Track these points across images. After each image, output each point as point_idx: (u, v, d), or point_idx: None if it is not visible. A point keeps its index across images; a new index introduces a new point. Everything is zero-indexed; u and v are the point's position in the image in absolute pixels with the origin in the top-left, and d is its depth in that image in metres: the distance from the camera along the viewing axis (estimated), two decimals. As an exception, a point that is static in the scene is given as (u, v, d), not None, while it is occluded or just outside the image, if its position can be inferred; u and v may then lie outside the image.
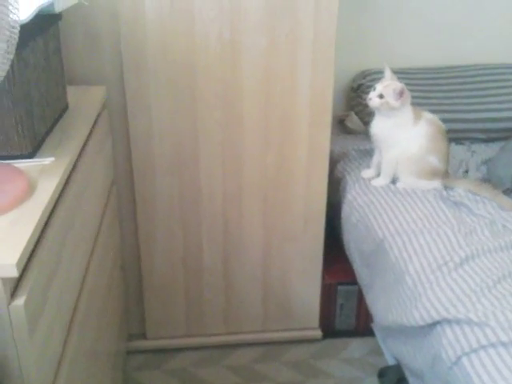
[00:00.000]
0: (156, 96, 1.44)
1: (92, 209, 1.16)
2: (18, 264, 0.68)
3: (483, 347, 0.99)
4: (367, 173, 1.62)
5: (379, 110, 1.51)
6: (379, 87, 1.49)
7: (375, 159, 1.61)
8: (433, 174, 1.51)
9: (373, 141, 1.59)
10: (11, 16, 0.75)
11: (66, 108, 1.21)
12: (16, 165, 0.93)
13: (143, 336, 1.74)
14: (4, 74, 0.77)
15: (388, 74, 1.53)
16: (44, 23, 1.05)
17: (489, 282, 1.12)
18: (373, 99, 1.50)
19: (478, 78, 1.92)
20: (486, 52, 2.05)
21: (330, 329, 1.81)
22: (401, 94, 1.46)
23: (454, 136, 1.81)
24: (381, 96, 1.48)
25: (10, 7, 0.75)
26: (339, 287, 1.76)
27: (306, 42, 1.42)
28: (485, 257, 1.21)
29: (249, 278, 1.69)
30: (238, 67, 1.43)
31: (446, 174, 1.53)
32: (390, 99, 1.47)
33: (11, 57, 0.77)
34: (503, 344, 0.98)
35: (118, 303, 1.46)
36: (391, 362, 1.56)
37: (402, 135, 1.51)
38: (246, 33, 1.40)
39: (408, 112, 1.50)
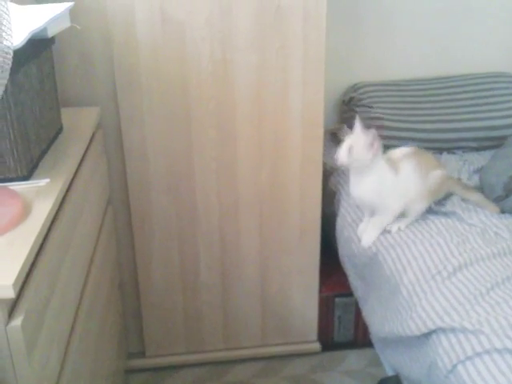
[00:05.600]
0: (150, 115, 1.46)
1: (88, 228, 1.17)
2: (14, 285, 0.69)
3: (478, 354, 0.99)
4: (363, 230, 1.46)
5: (352, 166, 1.35)
6: (347, 140, 1.33)
7: (367, 213, 1.46)
8: (442, 183, 1.46)
9: (357, 203, 1.47)
10: (4, 42, 0.77)
11: (60, 129, 1.23)
12: (11, 187, 0.95)
13: (142, 354, 1.74)
14: (-2, 98, 0.79)
15: (358, 125, 1.34)
16: (37, 48, 1.07)
17: (482, 290, 1.13)
18: (341, 156, 1.32)
19: (468, 88, 1.95)
20: (474, 62, 2.08)
21: (328, 341, 1.81)
22: (371, 144, 1.30)
23: (447, 146, 1.83)
24: (350, 150, 1.32)
25: (3, 33, 0.76)
26: (337, 299, 1.76)
27: (296, 57, 1.44)
28: (478, 264, 1.22)
29: (247, 292, 1.70)
30: (231, 84, 1.45)
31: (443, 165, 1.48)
32: (361, 152, 1.31)
33: (5, 82, 0.79)
34: (498, 351, 0.98)
35: (116, 322, 1.47)
36: (390, 372, 1.56)
37: (394, 189, 1.37)
38: (237, 51, 1.42)
39: (383, 165, 1.35)
